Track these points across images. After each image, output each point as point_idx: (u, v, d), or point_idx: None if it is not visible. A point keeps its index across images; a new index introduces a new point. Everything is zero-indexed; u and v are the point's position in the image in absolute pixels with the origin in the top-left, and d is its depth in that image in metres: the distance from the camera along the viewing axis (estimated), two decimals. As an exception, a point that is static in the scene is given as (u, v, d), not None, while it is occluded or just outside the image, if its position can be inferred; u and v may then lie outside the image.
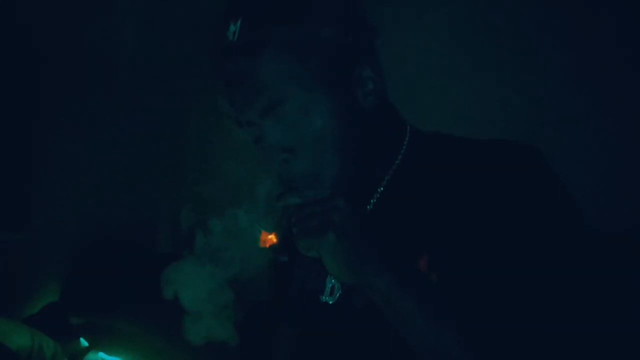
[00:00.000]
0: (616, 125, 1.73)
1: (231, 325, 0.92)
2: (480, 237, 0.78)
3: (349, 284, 0.81)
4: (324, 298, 0.97)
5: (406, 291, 0.76)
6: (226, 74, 0.87)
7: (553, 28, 1.83)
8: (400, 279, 0.77)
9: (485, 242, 0.78)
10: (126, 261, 2.62)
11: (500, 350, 0.74)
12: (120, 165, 2.77)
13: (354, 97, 0.86)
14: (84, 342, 2.55)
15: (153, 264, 0.91)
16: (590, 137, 1.77)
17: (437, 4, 2.02)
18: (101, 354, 2.51)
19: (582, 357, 0.73)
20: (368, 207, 0.94)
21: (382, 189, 0.93)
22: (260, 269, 0.92)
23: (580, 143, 1.77)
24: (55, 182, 2.77)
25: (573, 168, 1.09)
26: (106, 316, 2.58)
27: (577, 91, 1.79)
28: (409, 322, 0.76)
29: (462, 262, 0.79)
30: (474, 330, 0.75)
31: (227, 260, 0.89)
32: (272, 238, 0.87)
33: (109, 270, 2.63)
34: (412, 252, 0.84)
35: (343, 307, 0.94)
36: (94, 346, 2.54)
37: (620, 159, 1.72)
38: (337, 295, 0.96)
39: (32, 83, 2.66)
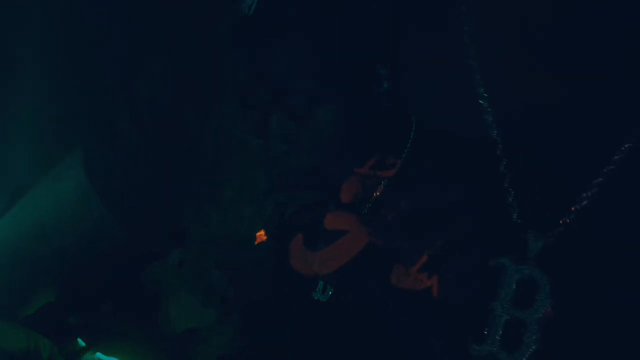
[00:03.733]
0: (617, 125, 1.74)
1: (232, 324, 0.93)
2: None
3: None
4: (315, 295, 0.97)
5: (403, 295, 0.77)
6: (236, 50, 0.85)
7: (556, 28, 1.83)
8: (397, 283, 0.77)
9: None
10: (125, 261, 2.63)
11: None
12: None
13: (368, 94, 0.85)
14: (81, 343, 2.55)
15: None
16: (591, 136, 1.78)
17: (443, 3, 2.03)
18: (99, 354, 2.52)
19: None
20: (368, 206, 0.94)
21: (382, 189, 0.93)
22: (259, 266, 0.92)
23: (580, 142, 1.78)
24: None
25: (573, 168, 1.09)
26: (104, 316, 2.59)
27: (578, 91, 1.79)
28: (405, 326, 0.77)
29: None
30: None
31: (223, 254, 0.90)
32: (261, 235, 0.87)
33: (107, 270, 2.64)
34: (411, 255, 0.85)
35: (335, 306, 0.95)
36: (92, 346, 2.54)
37: (620, 157, 1.72)
38: (329, 293, 0.96)
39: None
